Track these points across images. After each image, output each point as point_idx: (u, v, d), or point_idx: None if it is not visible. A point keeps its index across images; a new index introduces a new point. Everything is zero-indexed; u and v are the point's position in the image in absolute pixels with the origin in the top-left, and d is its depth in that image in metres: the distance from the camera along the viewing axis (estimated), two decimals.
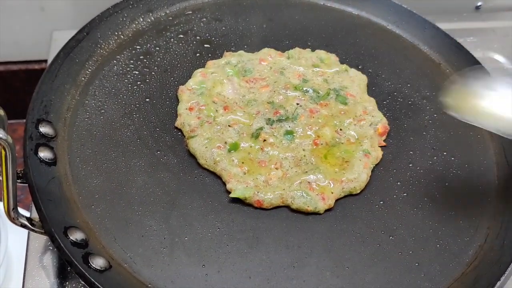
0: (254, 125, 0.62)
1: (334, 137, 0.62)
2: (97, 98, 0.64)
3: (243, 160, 0.59)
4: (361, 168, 0.59)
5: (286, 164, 0.59)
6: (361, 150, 0.61)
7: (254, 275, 0.53)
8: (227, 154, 0.59)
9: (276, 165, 0.59)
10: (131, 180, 0.58)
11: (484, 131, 0.66)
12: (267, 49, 0.70)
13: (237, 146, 0.60)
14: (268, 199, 0.57)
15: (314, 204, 0.57)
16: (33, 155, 0.56)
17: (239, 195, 0.56)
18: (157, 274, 0.52)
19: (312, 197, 0.57)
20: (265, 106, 0.64)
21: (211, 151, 0.59)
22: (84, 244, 0.52)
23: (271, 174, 0.58)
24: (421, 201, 0.59)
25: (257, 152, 0.60)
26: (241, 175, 0.58)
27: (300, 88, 0.66)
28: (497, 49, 0.88)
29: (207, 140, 0.60)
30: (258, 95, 0.65)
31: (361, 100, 0.66)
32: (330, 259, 0.54)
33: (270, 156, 0.60)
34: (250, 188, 0.57)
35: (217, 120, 0.62)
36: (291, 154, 0.60)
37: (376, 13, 0.77)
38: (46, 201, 0.53)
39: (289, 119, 0.62)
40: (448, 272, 0.54)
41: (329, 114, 0.64)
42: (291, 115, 0.63)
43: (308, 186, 0.57)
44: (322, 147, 0.61)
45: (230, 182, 0.57)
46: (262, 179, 0.58)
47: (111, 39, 0.69)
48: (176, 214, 0.56)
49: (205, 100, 0.63)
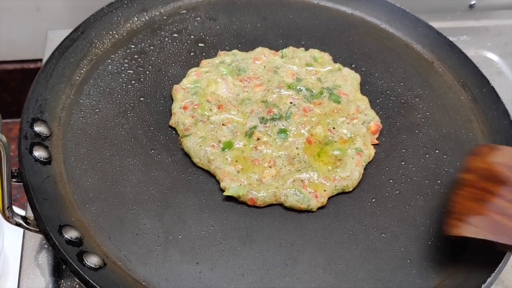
0: (248, 124, 0.62)
1: (327, 136, 0.62)
2: (91, 97, 0.64)
3: (237, 159, 0.59)
4: (354, 166, 0.60)
5: (279, 163, 0.60)
6: (354, 148, 0.61)
7: (247, 273, 0.53)
8: (221, 153, 0.60)
9: (270, 164, 0.60)
10: (125, 179, 0.58)
11: (476, 129, 0.67)
12: (261, 48, 0.70)
13: (231, 145, 0.60)
14: (261, 197, 0.57)
15: (307, 202, 0.57)
16: (28, 154, 0.56)
17: (233, 193, 0.57)
18: (151, 272, 0.52)
19: (305, 195, 0.57)
20: (259, 105, 0.64)
21: (205, 149, 0.60)
22: (79, 242, 0.53)
23: (264, 172, 0.59)
24: (413, 198, 0.60)
25: (250, 151, 0.60)
26: (235, 173, 0.58)
27: (294, 87, 0.66)
28: (490, 47, 0.89)
29: (201, 139, 0.60)
30: (252, 94, 0.65)
31: (354, 99, 0.67)
32: (322, 257, 0.55)
33: (264, 155, 0.60)
34: (243, 186, 0.57)
35: (211, 119, 0.62)
36: (284, 153, 0.60)
37: (369, 12, 0.78)
38: (41, 200, 0.54)
39: (282, 118, 0.63)
40: (440, 269, 0.55)
41: (322, 113, 0.64)
42: (284, 114, 0.63)
43: (301, 184, 0.58)
44: (315, 145, 0.61)
45: (224, 180, 0.58)
46: (255, 177, 0.58)
47: (106, 38, 0.70)
48: (170, 212, 0.56)
49: (199, 99, 0.64)
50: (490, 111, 0.68)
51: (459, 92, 0.70)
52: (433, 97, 0.69)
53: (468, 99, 0.69)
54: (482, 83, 0.70)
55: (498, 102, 0.68)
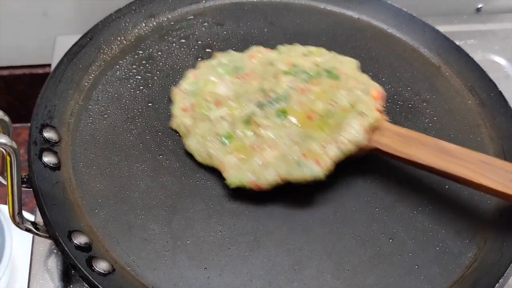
0: (245, 111, 0.61)
1: (328, 109, 0.60)
2: (100, 103, 0.64)
3: (238, 149, 0.59)
4: (357, 127, 0.58)
5: (280, 142, 0.58)
6: (357, 112, 0.60)
7: (255, 278, 0.53)
8: (221, 146, 0.59)
9: (271, 146, 0.58)
10: (133, 184, 0.58)
11: (484, 133, 0.67)
12: (256, 47, 0.70)
13: (231, 136, 0.60)
14: (265, 179, 0.56)
15: (310, 171, 0.56)
16: (38, 160, 0.57)
17: (236, 182, 0.56)
18: (159, 277, 0.53)
19: (307, 165, 0.56)
20: (256, 95, 0.63)
21: (205, 146, 0.59)
22: (88, 248, 0.53)
23: (266, 155, 0.58)
24: (421, 204, 0.60)
25: (251, 138, 0.59)
26: (237, 163, 0.58)
27: (291, 72, 0.65)
28: (497, 51, 0.89)
29: (201, 136, 0.60)
30: (249, 86, 0.64)
31: (354, 75, 0.65)
32: (330, 262, 0.55)
33: (264, 139, 0.59)
34: (245, 172, 0.57)
35: (210, 117, 0.61)
36: (285, 132, 0.59)
37: (376, 17, 0.78)
38: (50, 205, 0.54)
39: (280, 100, 0.62)
40: (448, 275, 0.55)
41: (321, 91, 0.63)
42: (282, 97, 0.62)
43: (302, 156, 0.57)
44: (317, 119, 0.60)
45: (227, 172, 0.57)
46: (259, 162, 0.57)
47: (114, 44, 0.70)
48: (178, 217, 0.56)
49: (197, 99, 0.63)
50: (498, 115, 0.67)
51: (467, 97, 0.70)
52: (441, 102, 0.69)
53: (475, 104, 0.69)
54: (490, 87, 0.70)
55: (506, 106, 0.68)
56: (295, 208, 0.58)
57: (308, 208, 0.58)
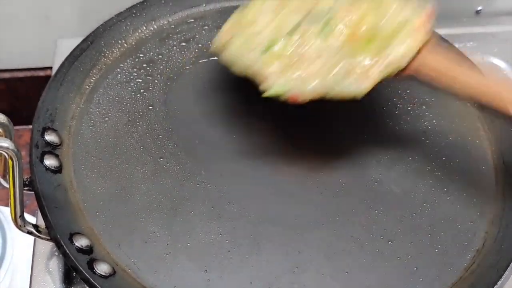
0: (289, 23, 0.59)
1: (377, 23, 0.58)
2: (101, 106, 0.65)
3: (280, 59, 0.57)
4: (407, 45, 0.56)
5: (324, 56, 0.57)
6: (407, 30, 0.57)
7: (255, 280, 0.54)
8: (262, 54, 0.58)
9: (314, 58, 0.57)
10: (134, 187, 0.59)
11: (483, 136, 0.67)
12: None
13: (273, 44, 0.58)
14: (305, 89, 0.55)
15: (351, 87, 0.55)
16: (39, 163, 0.57)
17: (275, 89, 0.55)
18: (160, 279, 0.53)
19: (350, 81, 0.55)
20: (301, 10, 0.59)
21: (244, 54, 0.58)
22: (89, 250, 0.53)
23: (309, 67, 0.56)
24: (420, 206, 0.60)
25: (294, 50, 0.57)
26: (278, 73, 0.56)
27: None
28: (497, 53, 0.89)
29: (241, 46, 0.59)
30: (292, 4, 0.60)
31: None
32: (330, 264, 0.55)
33: (308, 51, 0.57)
34: (288, 81, 0.56)
35: (251, 30, 0.59)
36: (329, 46, 0.57)
37: None
38: (52, 208, 0.54)
39: (325, 14, 0.59)
40: (446, 277, 0.55)
41: (369, 7, 0.59)
42: (328, 11, 0.59)
43: (346, 72, 0.55)
44: (364, 33, 0.57)
45: (266, 80, 0.56)
46: (299, 74, 0.56)
47: (115, 47, 0.70)
48: (179, 220, 0.57)
49: (240, 19, 0.61)
50: (497, 118, 0.68)
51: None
52: (440, 105, 0.69)
53: (474, 106, 0.70)
54: None
55: None
56: (294, 211, 0.59)
57: (307, 211, 0.59)
